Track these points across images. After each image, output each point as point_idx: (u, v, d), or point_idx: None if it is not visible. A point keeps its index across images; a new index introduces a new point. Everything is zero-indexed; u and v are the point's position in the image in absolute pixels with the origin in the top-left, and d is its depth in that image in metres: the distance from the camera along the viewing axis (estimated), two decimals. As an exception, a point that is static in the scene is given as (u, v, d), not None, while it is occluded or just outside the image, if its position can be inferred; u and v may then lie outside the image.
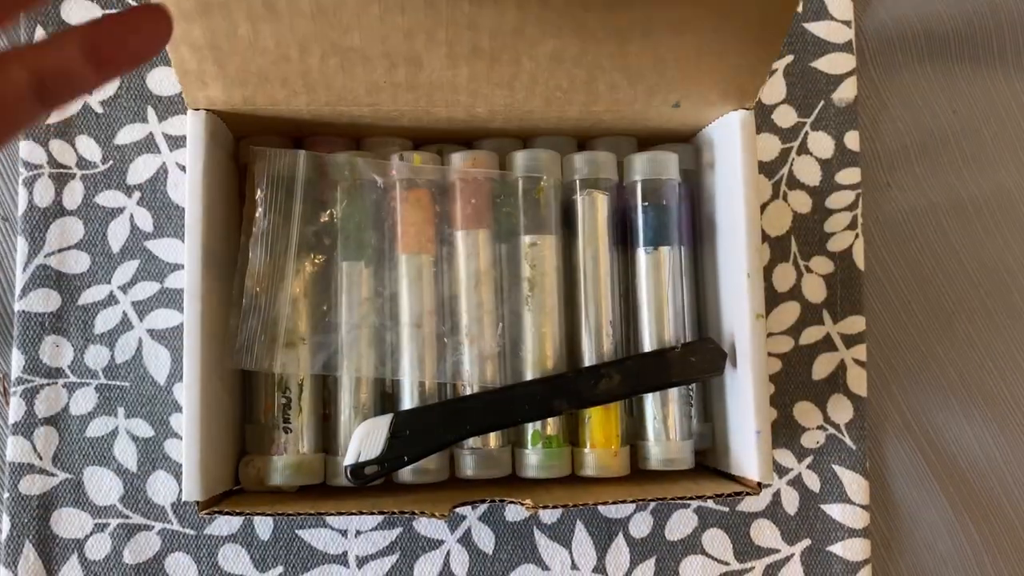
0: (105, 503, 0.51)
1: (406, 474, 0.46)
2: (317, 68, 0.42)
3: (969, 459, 0.55)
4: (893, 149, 0.57)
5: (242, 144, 0.49)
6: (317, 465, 0.46)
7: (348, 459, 0.43)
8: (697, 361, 0.46)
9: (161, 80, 0.53)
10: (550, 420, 0.47)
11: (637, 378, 0.46)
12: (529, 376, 0.47)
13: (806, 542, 0.53)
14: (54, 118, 0.52)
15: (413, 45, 0.41)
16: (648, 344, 0.48)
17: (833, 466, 0.54)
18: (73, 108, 0.52)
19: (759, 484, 0.45)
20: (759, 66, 0.44)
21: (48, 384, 0.51)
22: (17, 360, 0.51)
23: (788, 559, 0.53)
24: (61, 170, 0.52)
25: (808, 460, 0.54)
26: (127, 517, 0.51)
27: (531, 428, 0.47)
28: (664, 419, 0.47)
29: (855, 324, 0.55)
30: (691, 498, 0.45)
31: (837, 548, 0.53)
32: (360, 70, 0.42)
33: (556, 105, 0.45)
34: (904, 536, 0.55)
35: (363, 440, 0.43)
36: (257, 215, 0.46)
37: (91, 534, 0.51)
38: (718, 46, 0.43)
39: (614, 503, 0.45)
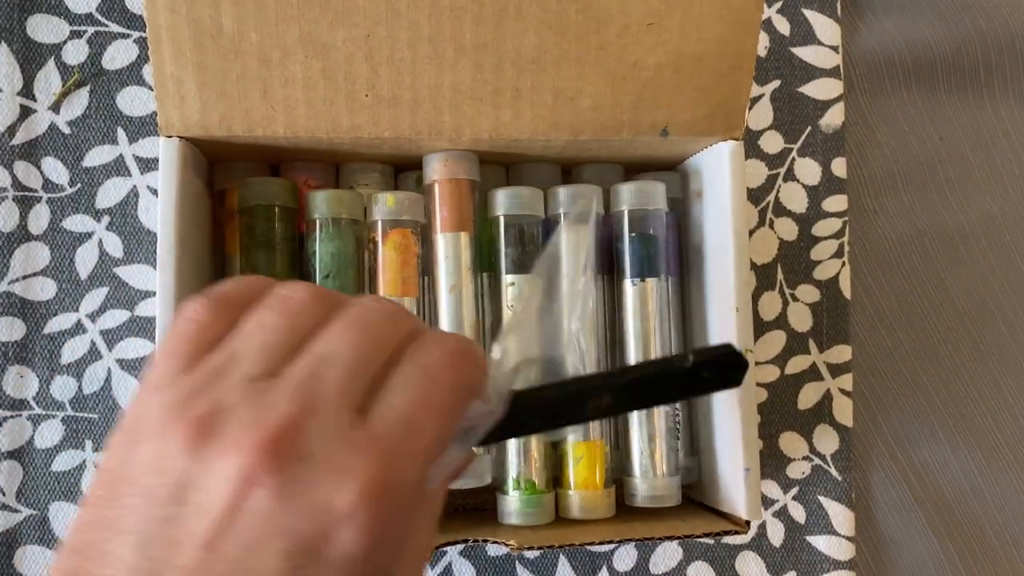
0: (71, 540, 0.49)
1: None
2: (300, 74, 0.41)
3: (954, 489, 0.55)
4: (880, 176, 0.56)
5: (216, 168, 0.47)
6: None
7: None
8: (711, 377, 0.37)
9: (132, 100, 0.51)
10: (534, 464, 0.45)
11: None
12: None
13: (792, 575, 0.52)
14: (19, 138, 0.50)
15: (396, 48, 0.40)
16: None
17: (819, 497, 0.53)
18: (39, 128, 0.50)
19: (747, 523, 0.44)
20: (737, 94, 0.44)
21: (12, 416, 0.49)
22: (-21, 391, 0.49)
23: (773, 592, 0.52)
24: (26, 193, 0.50)
25: (794, 491, 0.53)
26: (95, 554, 0.49)
27: (512, 472, 0.45)
28: (651, 454, 0.46)
29: (841, 353, 0.54)
30: (679, 537, 0.44)
31: (823, 581, 0.52)
32: (342, 79, 0.41)
33: (542, 130, 0.44)
34: (890, 567, 0.54)
35: None
36: (236, 242, 0.44)
37: (57, 572, 0.49)
38: (700, 71, 0.43)
39: (601, 543, 0.44)
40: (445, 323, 0.45)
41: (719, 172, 0.45)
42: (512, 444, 0.45)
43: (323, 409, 0.24)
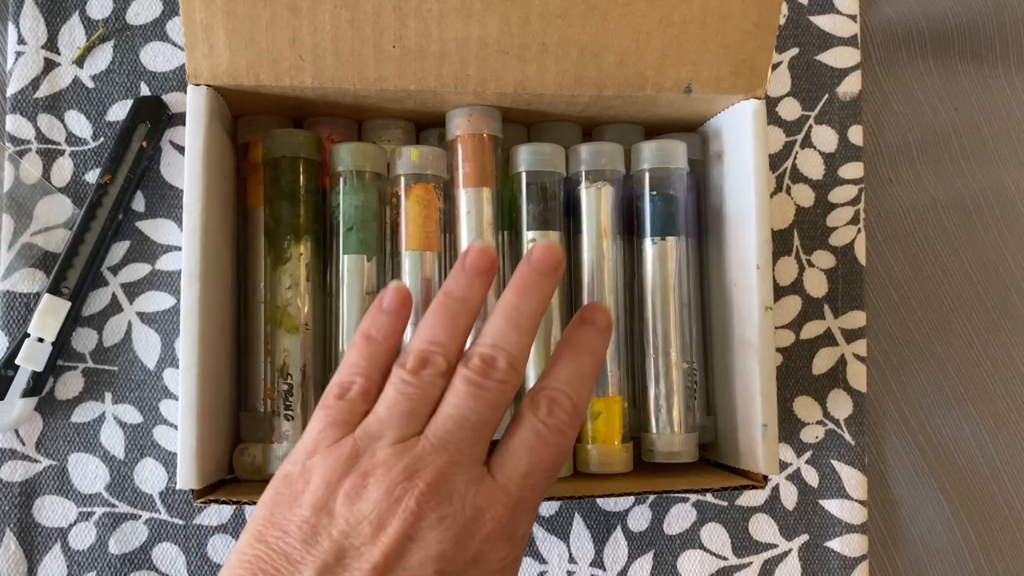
0: (90, 491, 0.49)
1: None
2: (328, 23, 0.41)
3: (966, 456, 0.55)
4: (895, 145, 0.57)
5: (240, 122, 0.47)
6: (316, 453, 0.44)
7: None
8: None
9: (155, 55, 0.51)
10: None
11: None
12: (533, 370, 0.46)
13: (804, 537, 0.53)
14: (43, 91, 0.50)
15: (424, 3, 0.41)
16: (653, 335, 0.47)
17: (832, 461, 0.53)
18: (63, 82, 0.51)
19: (765, 478, 0.44)
20: (761, 52, 0.44)
21: (32, 367, 0.49)
22: (1, 342, 0.49)
23: (786, 554, 0.53)
24: (49, 146, 0.50)
25: (807, 455, 0.53)
26: (113, 506, 0.49)
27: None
28: (669, 410, 0.47)
29: (856, 319, 0.54)
30: (696, 491, 0.44)
31: (835, 544, 0.53)
32: (370, 29, 0.41)
33: (567, 85, 0.44)
34: (901, 532, 0.54)
35: None
36: (258, 195, 0.44)
37: (75, 523, 0.49)
38: (725, 28, 0.43)
39: (619, 495, 0.45)
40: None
41: (741, 130, 0.46)
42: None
43: (462, 463, 0.32)
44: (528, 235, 0.46)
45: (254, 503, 0.41)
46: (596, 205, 0.47)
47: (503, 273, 0.47)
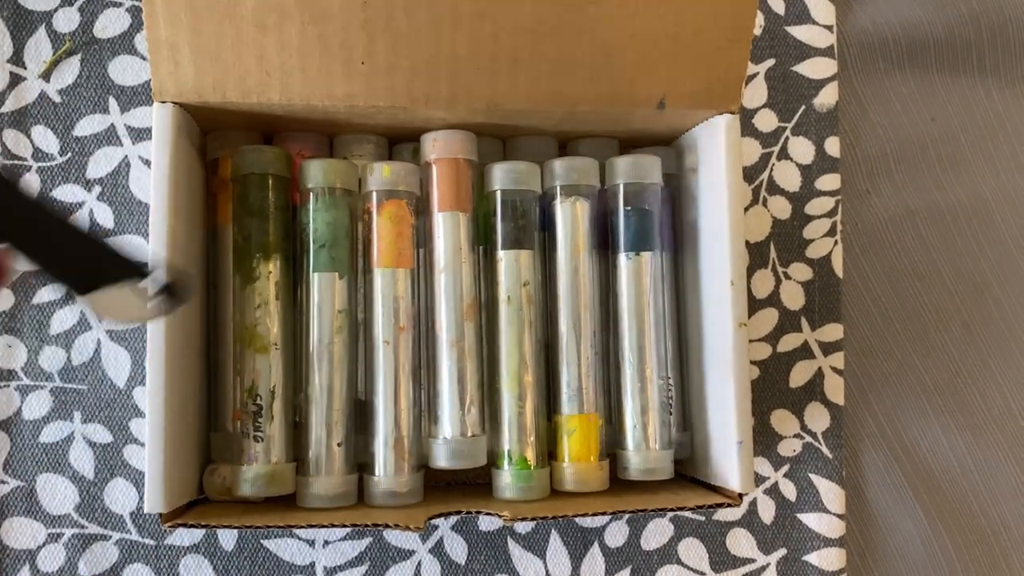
0: (59, 512, 0.49)
1: (378, 496, 0.44)
2: (296, 41, 0.40)
3: (944, 468, 0.55)
4: (873, 156, 0.56)
5: (210, 138, 0.47)
6: (288, 475, 0.44)
7: None
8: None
9: (123, 69, 0.51)
10: (530, 439, 0.45)
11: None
12: (507, 389, 0.45)
13: (782, 551, 0.53)
14: (8, 106, 0.50)
15: (393, 16, 0.40)
16: (628, 350, 0.47)
17: (809, 475, 0.53)
18: (29, 96, 0.50)
19: (740, 496, 0.44)
20: (734, 67, 0.44)
21: (0, 387, 0.49)
22: (-34, 361, 0.48)
23: (764, 569, 0.53)
24: (16, 162, 0.50)
25: (784, 469, 0.53)
26: (83, 527, 0.49)
27: (506, 446, 0.45)
28: (644, 427, 0.46)
29: (833, 332, 0.54)
30: (672, 509, 0.44)
31: (813, 558, 0.53)
32: (338, 46, 0.41)
33: (539, 100, 0.43)
34: (879, 545, 0.54)
35: None
36: (228, 212, 0.44)
37: (44, 544, 0.48)
38: (698, 43, 0.43)
39: (594, 515, 0.44)
40: (442, 301, 0.45)
41: (715, 145, 0.45)
42: (506, 419, 0.45)
43: None
44: (501, 254, 0.46)
45: (224, 527, 0.41)
46: (571, 220, 0.47)
47: (479, 291, 0.47)
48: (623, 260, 0.47)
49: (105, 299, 0.31)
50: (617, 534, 0.52)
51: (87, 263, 0.31)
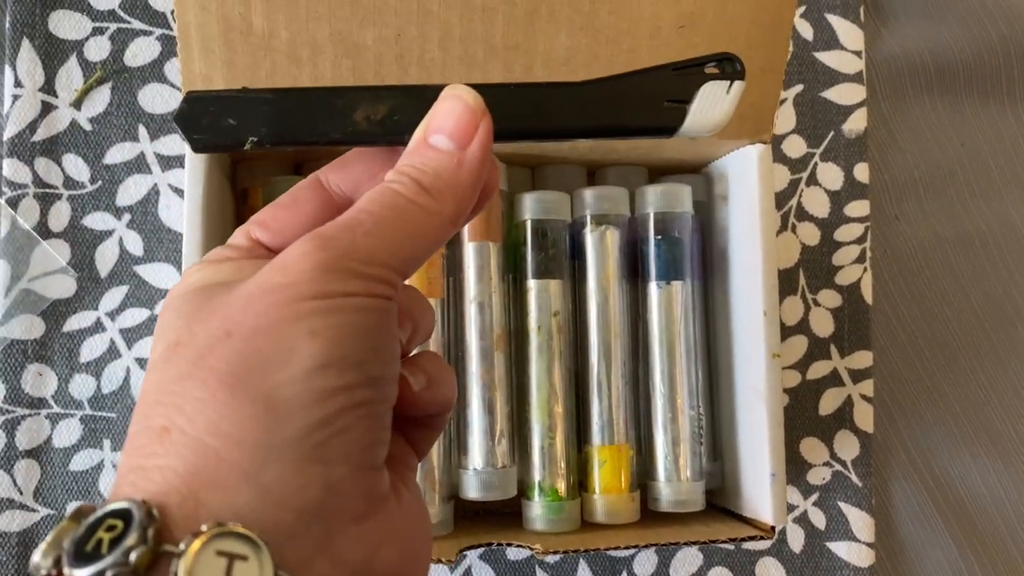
0: (89, 540, 0.49)
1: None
2: (329, 73, 0.40)
3: (974, 496, 0.54)
4: (901, 181, 0.56)
5: (239, 167, 0.47)
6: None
7: None
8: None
9: (153, 97, 0.51)
10: (559, 471, 0.45)
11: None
12: (536, 420, 0.45)
13: (811, 581, 0.52)
14: (40, 135, 0.50)
15: (426, 48, 0.40)
16: (659, 380, 0.46)
17: (839, 503, 0.53)
18: (60, 125, 0.50)
19: (772, 528, 0.44)
20: (767, 96, 0.43)
21: (30, 415, 0.49)
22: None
23: (793, 599, 0.52)
24: (47, 190, 0.50)
25: (814, 497, 0.53)
26: (112, 555, 0.49)
27: (536, 477, 0.45)
28: (675, 459, 0.46)
29: (863, 359, 0.54)
30: (704, 543, 0.44)
31: (843, 587, 0.52)
32: (371, 78, 0.41)
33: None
34: (909, 574, 0.54)
35: None
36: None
37: (73, 572, 0.48)
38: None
39: (624, 548, 0.44)
40: (472, 331, 0.45)
41: (747, 174, 0.45)
42: (536, 449, 0.45)
43: None
44: (531, 283, 0.46)
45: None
46: (601, 249, 0.47)
47: (508, 321, 0.46)
48: (653, 289, 0.47)
49: (696, 117, 0.29)
50: (646, 563, 0.52)
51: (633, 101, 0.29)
